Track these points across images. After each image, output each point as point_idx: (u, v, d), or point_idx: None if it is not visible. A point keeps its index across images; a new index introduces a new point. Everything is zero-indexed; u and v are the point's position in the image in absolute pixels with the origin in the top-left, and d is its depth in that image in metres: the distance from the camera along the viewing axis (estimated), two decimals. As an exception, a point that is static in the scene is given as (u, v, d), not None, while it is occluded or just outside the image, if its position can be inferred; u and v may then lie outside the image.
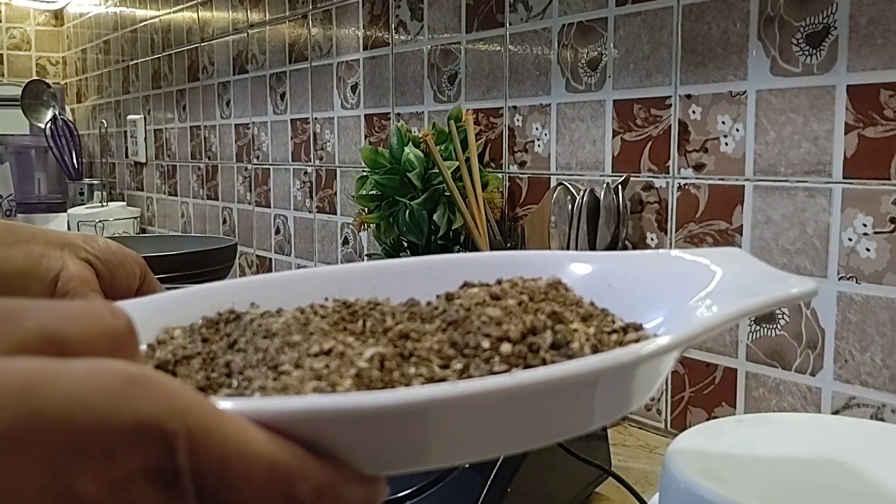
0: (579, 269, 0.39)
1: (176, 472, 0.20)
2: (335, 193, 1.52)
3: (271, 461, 0.21)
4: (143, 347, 0.31)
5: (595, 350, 0.29)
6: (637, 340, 0.30)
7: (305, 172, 1.60)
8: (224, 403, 0.21)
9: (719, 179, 0.87)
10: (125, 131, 2.51)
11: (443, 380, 0.27)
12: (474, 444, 0.24)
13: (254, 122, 1.77)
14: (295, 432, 0.22)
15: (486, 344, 0.28)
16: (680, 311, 0.32)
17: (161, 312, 0.34)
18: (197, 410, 0.20)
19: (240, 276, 1.86)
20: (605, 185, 0.93)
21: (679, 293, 0.33)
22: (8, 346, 0.20)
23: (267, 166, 1.73)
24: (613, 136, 0.98)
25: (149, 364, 0.30)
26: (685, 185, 0.90)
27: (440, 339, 0.29)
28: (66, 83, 3.12)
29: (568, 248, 0.95)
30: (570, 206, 0.94)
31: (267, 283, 0.39)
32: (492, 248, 1.05)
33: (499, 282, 0.34)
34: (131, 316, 0.22)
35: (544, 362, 0.28)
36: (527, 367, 0.27)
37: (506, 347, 0.28)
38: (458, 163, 1.05)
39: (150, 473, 0.19)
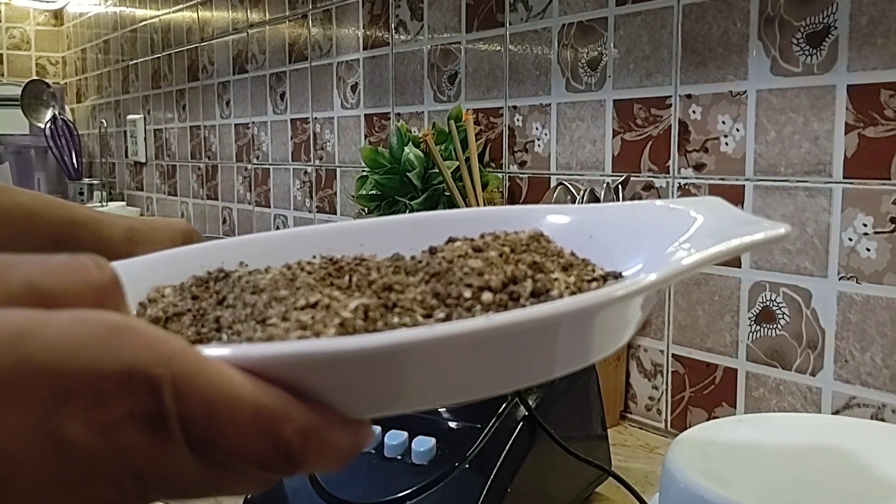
0: (561, 220, 0.39)
1: (163, 415, 0.20)
2: (335, 193, 1.52)
3: (256, 404, 0.21)
4: (135, 306, 0.32)
5: None
6: None
7: (305, 172, 1.60)
8: (208, 350, 0.22)
9: (720, 179, 0.87)
10: (125, 131, 2.51)
11: None
12: (456, 385, 0.25)
13: (254, 122, 1.77)
14: (278, 377, 0.22)
15: (467, 294, 0.28)
16: (658, 257, 0.32)
17: (152, 272, 0.34)
18: (181, 357, 0.21)
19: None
20: (605, 185, 0.93)
21: (658, 240, 0.34)
22: None
23: (267, 166, 1.73)
24: (613, 136, 0.98)
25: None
26: (685, 184, 0.90)
27: (423, 290, 0.29)
28: (65, 83, 3.12)
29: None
30: (570, 206, 0.94)
31: (256, 242, 0.39)
32: (492, 248, 1.04)
33: (482, 236, 0.35)
34: (117, 270, 0.23)
35: None
36: None
37: (487, 296, 0.28)
38: (458, 163, 1.05)
39: (138, 418, 0.20)
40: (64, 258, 0.22)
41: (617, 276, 0.32)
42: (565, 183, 0.97)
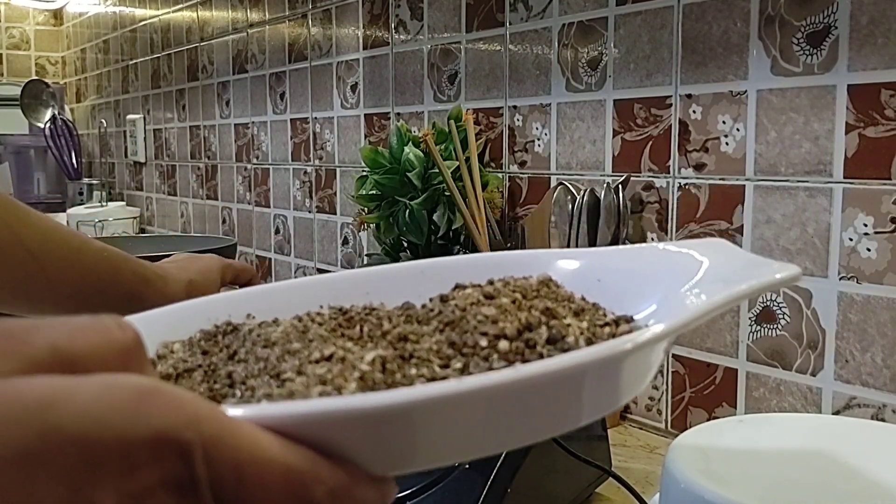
0: (568, 265, 0.39)
1: (194, 481, 0.20)
2: (335, 193, 1.52)
3: (285, 466, 0.21)
4: None
5: (590, 343, 0.30)
6: (630, 332, 0.31)
7: (305, 172, 1.60)
8: (234, 411, 0.22)
9: (720, 179, 0.87)
10: (124, 131, 2.51)
11: (445, 379, 0.27)
12: (482, 439, 0.24)
13: (253, 122, 1.77)
14: (305, 436, 0.22)
15: (483, 342, 0.28)
16: (670, 300, 0.33)
17: (157, 327, 0.34)
18: (209, 419, 0.20)
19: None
20: (605, 185, 0.93)
21: (668, 284, 0.34)
22: (20, 365, 0.20)
23: (266, 166, 1.73)
24: (614, 136, 0.98)
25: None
26: (686, 184, 0.90)
27: (438, 339, 0.29)
28: (65, 83, 3.12)
29: (568, 248, 0.94)
30: (570, 206, 0.94)
31: (261, 293, 0.39)
32: (492, 248, 1.04)
33: (490, 282, 0.35)
34: (138, 328, 0.22)
35: (541, 357, 0.28)
36: (524, 362, 0.28)
37: (503, 344, 0.28)
38: (458, 163, 1.05)
39: (168, 484, 0.20)
40: (86, 320, 0.22)
41: (628, 319, 0.32)
42: (565, 183, 0.97)
